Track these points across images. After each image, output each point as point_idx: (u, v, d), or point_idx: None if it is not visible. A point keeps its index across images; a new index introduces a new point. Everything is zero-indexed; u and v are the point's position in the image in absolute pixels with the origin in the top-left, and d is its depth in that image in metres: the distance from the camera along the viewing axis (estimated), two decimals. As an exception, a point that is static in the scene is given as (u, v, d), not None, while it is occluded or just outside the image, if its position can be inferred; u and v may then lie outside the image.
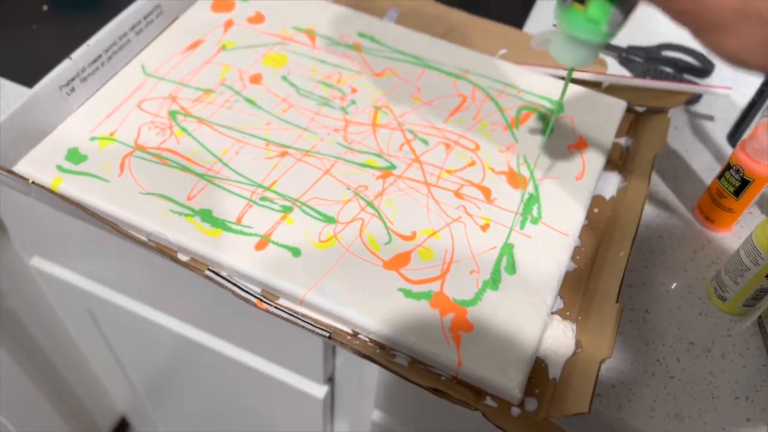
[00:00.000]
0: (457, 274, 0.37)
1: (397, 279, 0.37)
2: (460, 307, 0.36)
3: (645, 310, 0.39)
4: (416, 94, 0.46)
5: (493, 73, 0.48)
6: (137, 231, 0.38)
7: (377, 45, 0.49)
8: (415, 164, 0.42)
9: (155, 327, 0.60)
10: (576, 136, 0.45)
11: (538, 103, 0.46)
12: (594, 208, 0.43)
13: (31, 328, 0.71)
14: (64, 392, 0.83)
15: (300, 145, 0.42)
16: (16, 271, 0.64)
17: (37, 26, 0.51)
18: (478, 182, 0.41)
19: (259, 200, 0.39)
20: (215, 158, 0.41)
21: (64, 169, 0.40)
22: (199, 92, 0.45)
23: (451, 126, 0.44)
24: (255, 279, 0.37)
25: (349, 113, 0.45)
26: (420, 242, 0.38)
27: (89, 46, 0.44)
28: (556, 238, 0.39)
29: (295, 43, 0.49)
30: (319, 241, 0.38)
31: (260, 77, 0.46)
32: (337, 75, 0.47)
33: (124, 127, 0.42)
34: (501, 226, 0.39)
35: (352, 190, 0.40)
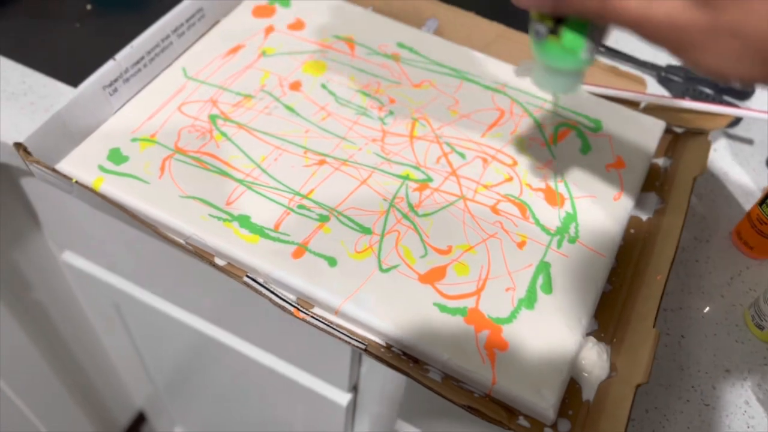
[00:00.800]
0: (492, 290, 0.37)
1: (432, 293, 0.37)
2: (496, 324, 0.36)
3: (680, 334, 0.39)
4: (454, 107, 0.46)
5: (531, 88, 0.48)
6: (175, 234, 0.39)
7: (416, 56, 0.49)
8: (452, 177, 0.42)
9: (180, 325, 0.61)
10: (614, 156, 0.44)
11: (576, 120, 0.46)
12: (630, 228, 0.42)
13: (57, 321, 0.72)
14: (84, 384, 0.84)
15: (338, 154, 0.43)
16: (46, 264, 0.65)
17: (80, 25, 0.51)
18: (515, 198, 0.41)
19: (297, 208, 0.40)
20: (254, 164, 0.41)
21: (106, 170, 0.40)
22: (239, 97, 0.45)
23: (489, 140, 0.44)
24: (291, 287, 0.37)
25: (386, 124, 0.45)
26: (456, 257, 0.38)
27: (133, 48, 0.44)
28: (592, 259, 0.39)
29: (334, 51, 0.49)
30: (355, 252, 0.38)
31: (299, 84, 0.46)
32: (375, 84, 0.47)
33: (164, 129, 0.43)
34: (537, 243, 0.39)
35: (388, 202, 0.40)
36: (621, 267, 0.40)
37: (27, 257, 0.63)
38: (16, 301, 0.64)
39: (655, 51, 0.55)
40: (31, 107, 0.45)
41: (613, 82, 0.49)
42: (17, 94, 0.46)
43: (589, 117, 0.46)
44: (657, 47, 0.26)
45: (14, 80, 0.47)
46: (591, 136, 0.45)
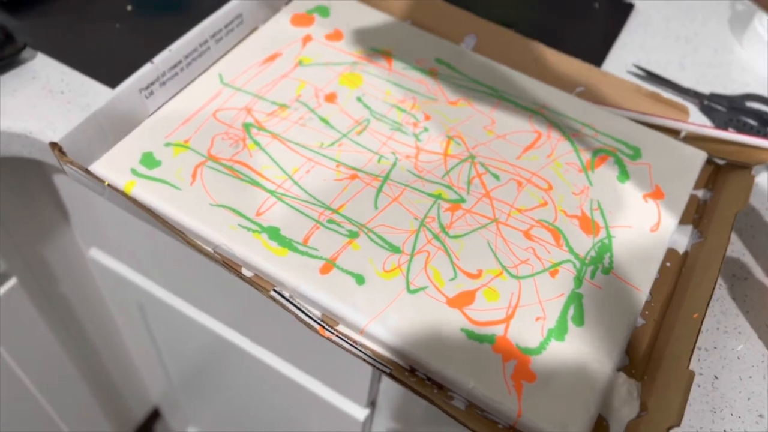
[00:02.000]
0: (522, 319, 0.36)
1: (460, 318, 0.36)
2: (524, 354, 0.35)
3: (714, 375, 0.38)
4: (490, 127, 0.45)
5: (569, 111, 0.47)
6: (204, 242, 0.39)
7: (453, 72, 0.48)
8: (485, 199, 0.41)
9: (201, 328, 0.60)
10: (652, 185, 0.43)
11: (615, 146, 0.45)
12: (666, 261, 0.41)
13: (80, 315, 0.73)
14: (103, 378, 0.85)
15: (370, 170, 0.42)
16: (73, 259, 0.65)
17: (120, 25, 0.52)
18: (549, 224, 0.40)
19: (327, 222, 0.39)
20: (286, 175, 0.41)
21: (138, 173, 0.40)
22: (274, 106, 0.45)
23: (524, 163, 0.44)
24: (317, 302, 0.36)
25: (421, 140, 0.44)
26: (486, 282, 0.37)
27: (171, 52, 0.44)
28: (626, 291, 0.38)
29: (371, 64, 0.48)
30: (383, 271, 0.37)
31: (335, 96, 0.46)
32: (411, 100, 0.46)
33: (198, 135, 0.43)
34: (570, 272, 0.38)
35: (419, 221, 0.40)
36: (655, 301, 0.39)
37: (55, 251, 0.64)
38: (41, 294, 0.64)
39: (698, 78, 0.54)
40: (68, 106, 0.46)
41: (654, 108, 0.48)
42: (54, 92, 0.46)
43: (629, 144, 0.45)
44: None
45: (53, 78, 0.47)
46: (629, 164, 0.44)
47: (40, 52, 0.49)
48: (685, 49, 0.56)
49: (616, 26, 0.57)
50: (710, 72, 0.54)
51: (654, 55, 0.55)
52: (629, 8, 0.59)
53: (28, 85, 0.47)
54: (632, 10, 0.59)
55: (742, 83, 0.54)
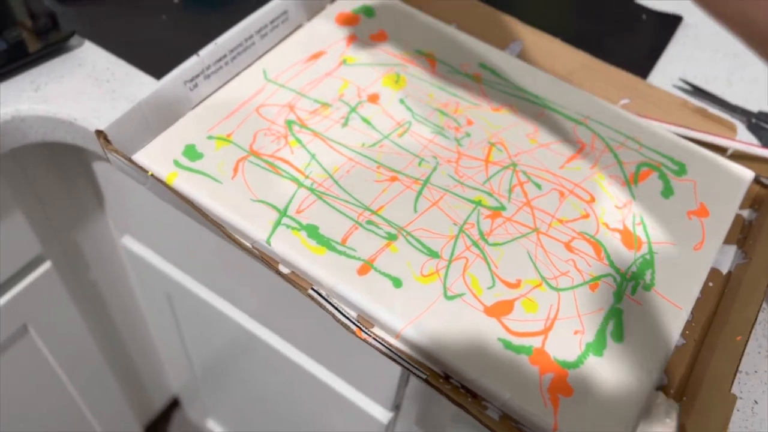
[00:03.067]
0: (560, 331, 0.36)
1: (497, 327, 0.35)
2: (561, 368, 0.34)
3: (754, 400, 0.37)
4: (533, 135, 0.45)
5: (614, 122, 0.46)
6: (243, 236, 0.39)
7: (498, 78, 0.48)
8: (526, 208, 0.41)
9: (228, 321, 0.61)
10: (697, 202, 0.42)
11: (659, 161, 0.44)
12: (709, 281, 0.40)
13: (109, 301, 0.73)
14: (126, 363, 0.85)
15: (411, 172, 0.42)
16: (106, 246, 0.66)
17: (166, 17, 0.52)
18: (591, 237, 0.40)
19: (366, 223, 0.39)
20: (326, 174, 0.41)
21: (181, 165, 0.40)
22: (316, 104, 0.45)
23: (567, 173, 0.43)
24: (353, 303, 0.36)
25: (462, 145, 0.44)
26: (524, 292, 0.37)
27: (216, 45, 0.45)
28: (667, 309, 0.37)
29: (415, 66, 0.48)
30: (421, 275, 0.37)
31: (378, 97, 0.46)
32: (454, 104, 0.46)
33: (241, 129, 0.43)
34: (610, 287, 0.38)
35: (458, 227, 0.39)
36: (696, 321, 0.39)
37: (88, 237, 0.64)
38: (73, 279, 0.65)
39: (746, 95, 0.52)
40: (113, 94, 0.46)
41: (701, 124, 0.47)
42: (101, 81, 0.47)
43: (674, 159, 0.44)
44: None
45: (99, 66, 0.48)
46: (674, 180, 0.43)
47: (88, 39, 0.49)
48: (734, 65, 0.55)
49: (663, 39, 0.56)
50: (759, 89, 0.53)
51: (701, 70, 0.54)
52: (677, 21, 0.58)
53: (75, 73, 0.47)
54: (680, 23, 0.58)
55: (791, 102, 0.52)
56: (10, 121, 0.45)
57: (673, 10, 0.59)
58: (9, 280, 0.58)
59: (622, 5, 0.59)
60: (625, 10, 0.58)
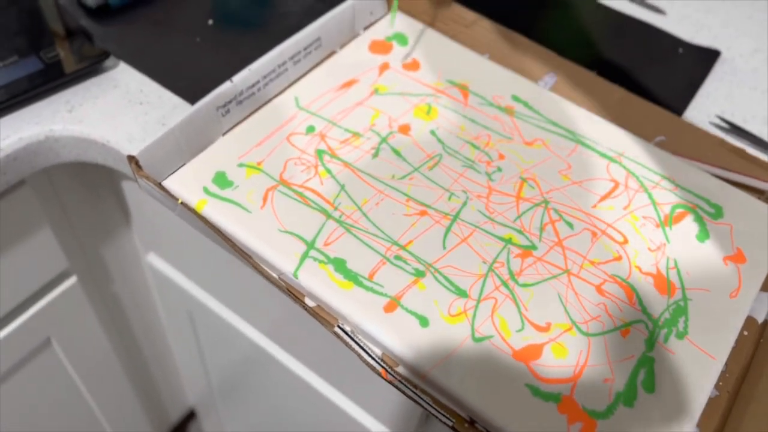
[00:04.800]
0: (589, 379, 0.35)
1: (526, 372, 0.35)
2: (590, 417, 0.33)
3: (789, 458, 0.35)
4: (566, 171, 0.44)
5: (648, 161, 0.45)
6: (270, 267, 0.38)
7: (531, 111, 0.47)
8: (557, 248, 0.40)
9: (248, 342, 0.60)
10: (734, 247, 0.41)
11: (695, 203, 0.43)
12: (744, 330, 0.39)
13: (131, 316, 0.74)
14: (144, 375, 0.86)
15: (440, 207, 0.41)
16: (130, 262, 0.66)
17: (200, 39, 0.52)
18: (623, 280, 0.39)
19: (393, 258, 0.38)
20: (355, 206, 0.41)
21: (210, 192, 0.40)
22: (347, 134, 0.45)
23: (600, 212, 0.42)
24: (379, 341, 0.36)
25: (494, 180, 0.43)
26: (554, 336, 0.36)
27: (250, 71, 0.45)
28: (701, 360, 0.36)
29: (447, 97, 0.48)
30: (448, 315, 0.36)
31: (409, 128, 0.45)
32: (486, 137, 0.46)
33: (271, 158, 0.43)
34: (642, 334, 0.37)
35: (488, 265, 0.39)
36: (730, 372, 0.37)
37: (114, 253, 0.65)
38: (97, 293, 0.66)
39: (785, 135, 0.51)
40: (145, 117, 0.46)
41: (738, 165, 0.46)
42: (133, 102, 0.47)
43: (710, 201, 0.43)
44: None
45: (133, 87, 0.48)
46: (710, 223, 0.42)
47: (122, 60, 0.50)
48: (773, 103, 0.54)
49: (700, 74, 0.55)
50: (798, 129, 0.52)
51: (739, 107, 0.53)
52: (715, 55, 0.57)
53: (109, 94, 0.47)
54: (718, 57, 0.57)
55: (832, 144, 0.51)
56: (44, 141, 0.45)
57: (711, 44, 0.58)
58: (35, 294, 0.58)
59: (659, 39, 0.58)
60: (662, 43, 0.57)
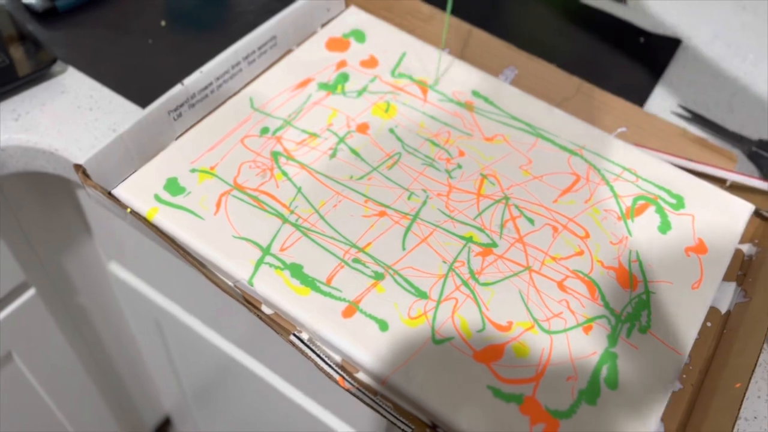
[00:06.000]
0: (552, 378, 0.34)
1: (487, 374, 0.34)
2: (553, 418, 0.33)
3: (754, 448, 0.35)
4: (527, 167, 0.44)
5: (610, 153, 0.45)
6: (224, 275, 0.37)
7: (491, 106, 0.47)
8: (518, 245, 0.39)
9: (216, 350, 0.59)
10: (695, 238, 0.41)
11: (657, 194, 0.43)
12: (707, 321, 0.39)
13: (97, 326, 0.72)
14: (116, 386, 0.84)
15: (400, 207, 0.41)
16: (94, 271, 0.65)
17: (153, 41, 0.51)
18: (585, 275, 0.38)
19: (352, 262, 0.38)
20: (312, 209, 0.40)
21: (162, 200, 0.39)
22: (304, 135, 0.44)
23: (561, 207, 0.42)
24: (337, 347, 0.35)
25: (454, 178, 0.43)
26: (516, 335, 0.36)
27: (202, 73, 0.43)
28: (664, 353, 0.36)
29: (406, 94, 0.47)
30: (408, 317, 0.36)
31: (367, 126, 0.45)
32: (445, 134, 0.45)
33: (225, 162, 0.42)
34: (605, 329, 0.36)
35: (448, 265, 0.38)
36: (694, 364, 0.37)
37: (76, 263, 0.63)
38: (59, 304, 0.64)
39: (747, 121, 0.51)
40: (95, 123, 0.45)
41: (700, 155, 0.46)
42: (83, 108, 0.46)
43: (672, 192, 0.43)
44: None
45: (82, 93, 0.47)
46: (672, 214, 0.42)
47: (71, 66, 0.48)
48: (734, 90, 0.54)
49: (661, 63, 0.55)
50: (760, 116, 0.52)
51: (701, 95, 0.53)
52: (676, 44, 0.57)
53: (57, 100, 0.46)
54: (679, 46, 0.57)
55: (792, 129, 0.51)
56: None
57: (673, 32, 0.58)
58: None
59: (620, 28, 0.57)
60: (623, 33, 0.57)
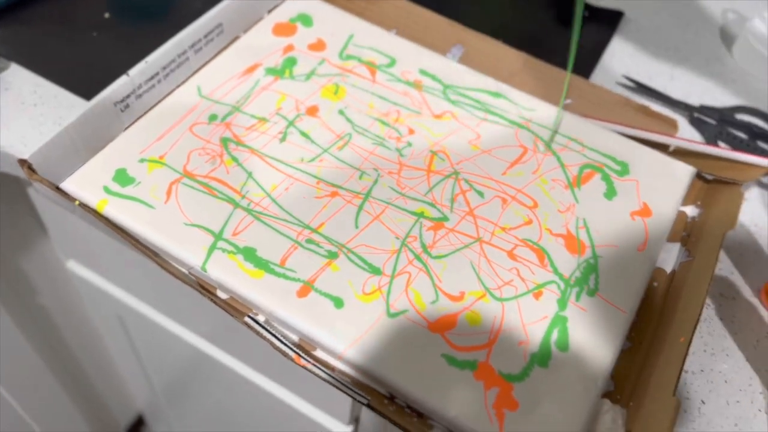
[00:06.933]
0: (504, 344, 0.35)
1: (441, 343, 0.35)
2: (506, 381, 0.34)
3: (701, 400, 0.37)
4: (475, 141, 0.44)
5: (556, 124, 0.46)
6: (178, 263, 0.37)
7: (439, 84, 0.47)
8: (468, 218, 0.40)
9: (181, 342, 0.59)
10: (640, 202, 0.42)
11: (602, 162, 0.44)
12: (653, 281, 0.40)
13: (60, 326, 0.71)
14: (85, 385, 0.83)
15: (351, 186, 0.41)
16: (53, 270, 0.64)
17: (96, 34, 0.50)
18: (534, 243, 0.39)
19: (305, 242, 0.38)
20: (264, 193, 0.40)
21: (111, 191, 0.39)
22: (253, 120, 0.44)
23: (509, 179, 0.42)
24: (294, 327, 0.35)
25: (404, 156, 0.43)
26: (468, 304, 0.36)
27: (147, 63, 0.43)
28: (612, 314, 0.37)
29: (354, 75, 0.47)
30: (362, 293, 0.36)
31: (317, 109, 0.45)
32: (395, 113, 0.45)
33: (174, 150, 0.42)
34: (554, 294, 0.37)
35: (400, 240, 0.39)
36: (641, 322, 0.38)
37: (33, 262, 0.62)
38: (18, 305, 0.63)
39: (689, 89, 0.53)
40: (40, 119, 0.44)
41: (643, 122, 0.47)
42: (27, 104, 0.45)
43: (616, 159, 0.44)
44: None
45: (26, 89, 0.46)
46: (617, 180, 0.43)
47: (14, 62, 0.48)
48: (676, 59, 0.55)
49: (605, 35, 0.56)
50: (701, 83, 0.54)
51: (644, 66, 0.54)
52: (618, 17, 0.58)
53: (0, 97, 0.45)
54: (622, 18, 0.58)
55: (732, 94, 0.53)
56: (-68, 152, 0.43)
57: (615, 5, 0.59)
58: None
59: (563, 2, 0.58)
60: (566, 7, 0.58)
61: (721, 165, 0.45)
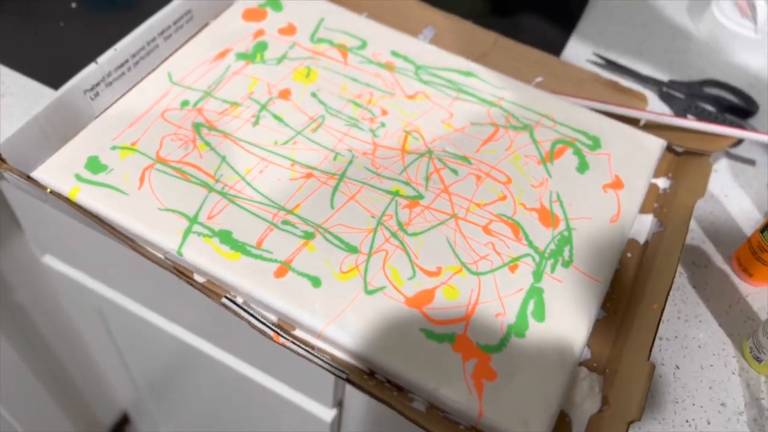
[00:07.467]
0: (482, 316, 0.35)
1: (419, 318, 0.35)
2: (484, 353, 0.34)
3: (675, 365, 0.37)
4: (448, 120, 0.45)
5: (528, 102, 0.46)
6: (154, 248, 0.37)
7: (411, 65, 0.48)
8: (443, 195, 0.41)
9: (163, 333, 0.59)
10: (612, 175, 0.43)
11: (574, 137, 0.45)
12: (627, 252, 0.41)
13: (39, 323, 0.70)
14: (67, 386, 0.82)
15: (326, 168, 0.41)
16: (28, 266, 0.63)
17: (64, 24, 0.50)
18: (508, 218, 0.40)
19: (281, 224, 0.38)
20: (238, 176, 0.40)
21: (83, 179, 0.39)
22: (225, 105, 0.43)
23: (483, 156, 0.43)
24: (272, 307, 0.35)
25: (378, 136, 0.43)
26: (445, 279, 0.37)
27: (116, 51, 0.43)
28: (587, 284, 0.38)
29: (326, 58, 0.47)
30: (340, 272, 0.36)
31: (289, 92, 0.45)
32: (367, 95, 0.45)
33: (146, 137, 0.41)
34: (529, 267, 0.38)
35: (376, 219, 0.39)
36: (616, 292, 0.39)
37: (8, 259, 0.61)
38: (-6, 304, 0.62)
39: (657, 64, 0.53)
40: (9, 110, 0.44)
41: (613, 97, 0.48)
42: (-5, 95, 0.44)
43: (588, 134, 0.45)
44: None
45: (-7, 80, 0.45)
46: (589, 154, 0.44)
47: (-20, 53, 0.47)
48: (643, 35, 0.56)
49: (575, 14, 0.57)
50: (668, 58, 0.54)
51: (613, 43, 0.55)
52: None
53: (-33, 89, 0.45)
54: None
55: (699, 69, 0.54)
56: None
57: (583, -15, 0.60)
58: None
59: (533, -17, 0.59)
60: (536, -12, 0.58)
61: (690, 137, 0.46)
